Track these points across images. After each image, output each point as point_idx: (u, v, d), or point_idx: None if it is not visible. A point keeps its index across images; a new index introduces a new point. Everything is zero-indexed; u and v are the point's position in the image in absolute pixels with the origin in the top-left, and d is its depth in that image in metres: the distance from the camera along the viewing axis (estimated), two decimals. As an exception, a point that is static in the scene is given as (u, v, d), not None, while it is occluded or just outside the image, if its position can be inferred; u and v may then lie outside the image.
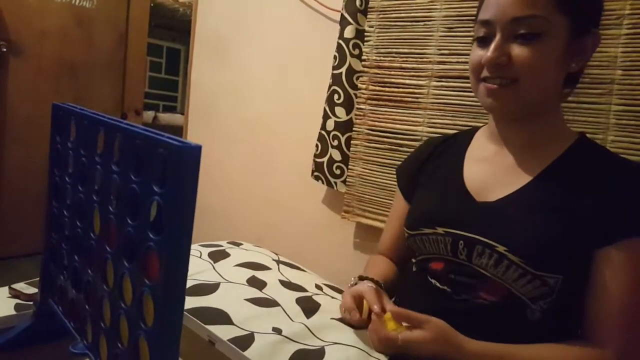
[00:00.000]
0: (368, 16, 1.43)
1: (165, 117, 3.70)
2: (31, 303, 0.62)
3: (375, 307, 0.73)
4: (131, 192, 0.41)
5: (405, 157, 1.09)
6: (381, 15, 1.40)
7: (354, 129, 1.48)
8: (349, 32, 1.45)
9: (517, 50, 0.71)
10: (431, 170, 0.93)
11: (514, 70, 0.72)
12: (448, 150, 0.93)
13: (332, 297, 0.86)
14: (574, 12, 0.71)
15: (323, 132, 1.54)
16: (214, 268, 0.89)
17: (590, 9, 0.75)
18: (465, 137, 0.92)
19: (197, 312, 0.71)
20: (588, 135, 1.03)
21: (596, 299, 0.70)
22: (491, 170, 0.82)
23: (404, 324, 0.70)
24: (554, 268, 0.70)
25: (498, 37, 0.73)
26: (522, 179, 0.77)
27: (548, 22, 0.70)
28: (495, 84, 0.74)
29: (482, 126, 0.93)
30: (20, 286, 0.69)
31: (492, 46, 0.73)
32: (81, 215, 0.49)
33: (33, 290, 0.66)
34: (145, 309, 0.39)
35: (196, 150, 0.36)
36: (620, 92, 1.03)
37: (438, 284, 0.80)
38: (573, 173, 0.75)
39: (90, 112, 0.49)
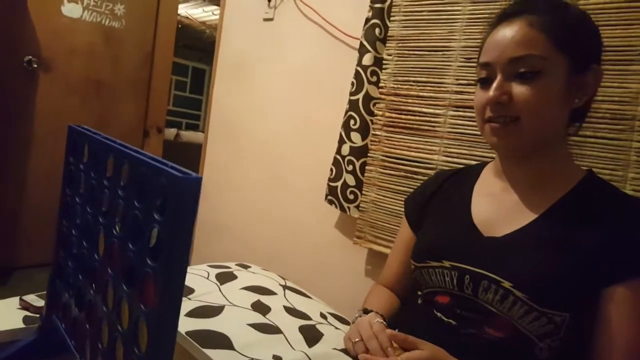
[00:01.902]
0: (387, 44, 1.44)
1: (187, 135, 3.78)
2: (38, 316, 0.63)
3: (390, 350, 0.72)
4: (134, 218, 0.42)
5: (418, 185, 1.09)
6: (400, 44, 1.41)
7: (369, 154, 1.48)
8: (367, 59, 1.47)
9: (517, 89, 0.73)
10: (439, 202, 0.93)
11: (515, 108, 0.73)
12: (457, 184, 0.93)
13: (336, 328, 0.85)
14: (572, 50, 0.72)
15: (338, 157, 1.54)
16: (220, 290, 0.89)
17: (588, 46, 0.76)
18: (474, 171, 0.92)
19: (199, 335, 0.71)
20: (607, 171, 1.03)
21: (603, 337, 0.69)
22: (498, 206, 0.82)
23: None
24: (560, 305, 0.69)
25: (499, 77, 0.75)
26: (529, 216, 0.77)
27: (546, 61, 0.72)
28: (499, 123, 0.75)
29: (490, 161, 0.92)
30: (31, 298, 0.71)
31: (493, 86, 0.75)
32: (88, 235, 0.50)
33: (42, 303, 0.68)
34: (140, 334, 0.40)
35: (196, 182, 0.37)
36: None
37: (444, 318, 0.79)
38: (580, 210, 0.74)
39: (102, 136, 0.50)
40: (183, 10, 4.65)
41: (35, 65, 2.42)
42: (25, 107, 2.46)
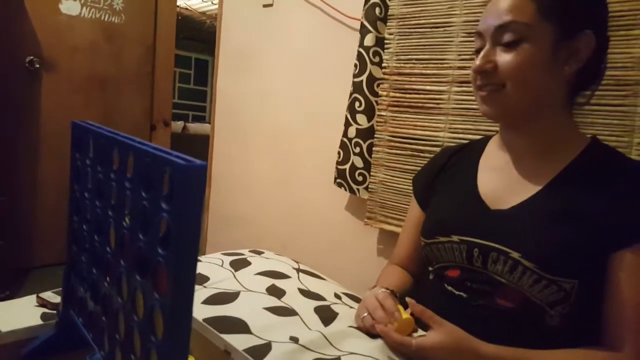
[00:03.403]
0: (388, 24, 1.43)
1: (194, 127, 3.79)
2: (55, 312, 0.65)
3: (397, 314, 0.73)
4: (142, 208, 0.43)
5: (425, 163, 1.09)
6: (401, 23, 1.40)
7: (375, 136, 1.48)
8: (369, 40, 1.46)
9: (502, 57, 0.74)
10: (446, 178, 0.93)
11: (500, 76, 0.74)
12: (462, 159, 0.93)
13: (350, 307, 0.86)
14: (560, 17, 0.72)
15: (345, 140, 1.54)
16: (234, 277, 0.90)
17: (577, 13, 0.74)
18: (478, 146, 0.93)
19: (216, 321, 0.72)
20: (613, 137, 1.02)
21: (612, 302, 0.70)
22: (504, 179, 0.82)
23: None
24: (568, 273, 0.70)
25: (487, 46, 0.76)
26: (535, 187, 0.78)
27: (530, 27, 0.72)
28: (486, 91, 0.77)
29: (495, 134, 0.92)
30: (48, 295, 0.72)
31: (480, 55, 0.77)
32: (99, 229, 0.51)
33: (59, 299, 0.69)
34: (155, 322, 0.40)
35: (200, 169, 0.37)
36: None
37: (455, 291, 0.81)
38: (585, 178, 0.74)
39: (106, 130, 0.51)
40: (182, 1, 4.62)
41: (38, 65, 2.43)
42: (31, 108, 2.48)
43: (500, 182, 0.82)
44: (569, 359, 0.70)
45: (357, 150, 1.51)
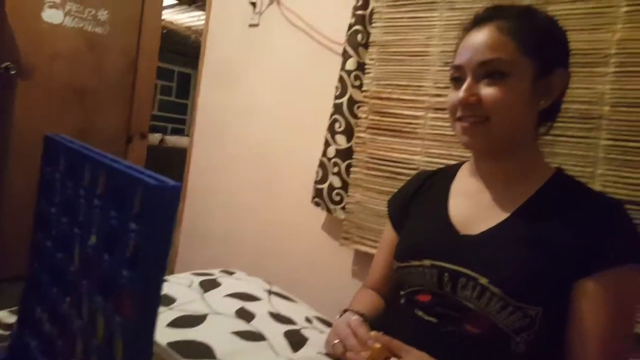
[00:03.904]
0: (369, 50, 1.46)
1: (173, 140, 3.75)
2: (9, 334, 0.62)
3: (370, 343, 0.73)
4: (110, 228, 0.42)
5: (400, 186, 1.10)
6: (381, 50, 1.43)
7: (353, 156, 1.49)
8: (350, 64, 1.49)
9: (486, 91, 0.76)
10: (420, 202, 0.95)
11: (484, 108, 0.76)
12: (436, 184, 0.95)
13: (321, 331, 0.85)
14: (538, 55, 0.75)
15: (324, 159, 1.55)
16: (203, 298, 0.88)
17: (554, 51, 0.79)
18: (451, 172, 0.95)
19: (180, 345, 0.70)
20: (578, 168, 1.06)
21: (575, 330, 0.71)
22: (474, 205, 0.84)
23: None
24: (533, 299, 0.71)
25: (469, 79, 0.78)
26: (503, 213, 0.79)
27: (513, 64, 0.75)
28: (469, 122, 0.78)
29: (467, 160, 0.94)
30: (2, 314, 0.69)
31: (463, 87, 0.78)
32: (63, 246, 0.50)
33: (14, 319, 0.66)
34: (115, 347, 0.39)
35: (173, 190, 0.37)
36: (609, 127, 1.06)
37: (425, 316, 0.81)
38: (550, 207, 0.77)
39: (79, 145, 0.50)
40: (168, 15, 4.62)
41: (14, 72, 2.38)
42: (4, 115, 2.41)
43: (471, 208, 0.84)
44: None
45: (336, 170, 1.52)
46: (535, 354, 0.73)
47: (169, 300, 0.85)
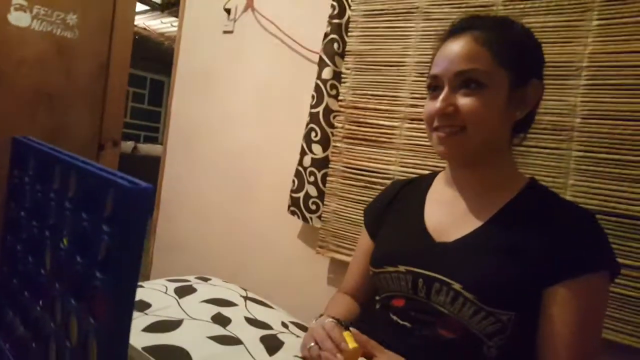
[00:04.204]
0: (345, 59, 1.47)
1: (145, 148, 3.69)
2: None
3: (344, 345, 0.73)
4: (82, 230, 0.41)
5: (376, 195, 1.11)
6: (357, 59, 1.45)
7: (330, 166, 1.50)
8: (326, 73, 1.50)
9: (463, 101, 0.77)
10: (395, 210, 0.96)
11: (461, 118, 0.77)
12: (411, 193, 0.96)
13: (297, 336, 0.85)
14: (513, 66, 0.77)
15: (300, 168, 1.55)
16: (178, 304, 0.87)
17: (528, 63, 0.80)
18: (426, 181, 0.96)
19: (156, 350, 0.69)
20: (550, 179, 1.08)
21: (546, 335, 0.73)
22: (449, 213, 0.85)
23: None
24: (505, 305, 0.73)
25: (446, 89, 0.78)
26: (477, 221, 0.81)
27: (489, 75, 0.76)
28: (445, 132, 0.79)
29: (442, 170, 0.96)
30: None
31: (440, 98, 0.78)
32: (33, 250, 0.49)
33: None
34: (90, 350, 0.39)
35: (146, 192, 0.37)
36: (580, 139, 1.08)
37: (399, 321, 0.82)
38: (523, 216, 0.78)
39: (48, 147, 0.49)
40: (141, 21, 4.56)
41: (-20, 77, 2.31)
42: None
43: (446, 216, 0.86)
44: None
45: (312, 179, 1.52)
46: (506, 358, 0.75)
47: (144, 306, 0.84)
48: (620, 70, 1.04)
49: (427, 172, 1.09)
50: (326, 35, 1.51)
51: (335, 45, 1.49)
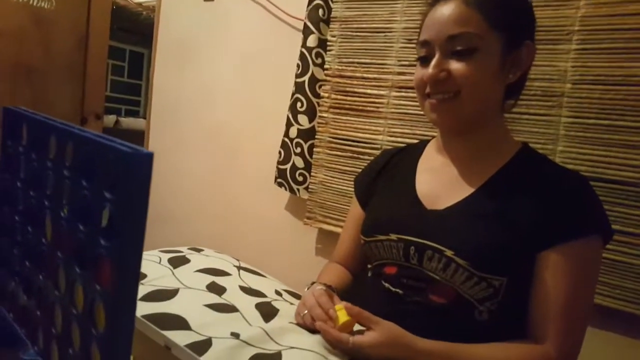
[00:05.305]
0: (330, 26, 1.46)
1: (128, 122, 3.63)
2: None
3: (332, 312, 0.75)
4: (83, 198, 0.41)
5: (366, 164, 1.12)
6: (343, 26, 1.43)
7: (316, 136, 1.50)
8: (311, 41, 1.48)
9: (455, 65, 0.76)
10: (386, 179, 0.96)
11: (454, 84, 0.76)
12: (402, 161, 0.96)
13: (291, 304, 0.87)
14: (506, 28, 0.76)
15: (286, 140, 1.55)
16: (173, 274, 0.88)
17: (521, 24, 0.80)
18: (417, 149, 0.96)
19: (154, 317, 0.70)
20: (539, 145, 1.10)
21: (538, 299, 0.75)
22: (440, 181, 0.86)
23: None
24: (497, 271, 0.74)
25: (437, 55, 0.77)
26: (469, 188, 0.82)
27: (481, 38, 0.75)
28: (438, 99, 0.78)
29: (431, 138, 0.97)
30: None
31: (432, 64, 0.77)
32: (33, 220, 0.49)
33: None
34: (96, 315, 0.39)
35: (147, 157, 0.37)
36: (570, 104, 1.08)
37: (391, 288, 0.83)
38: (515, 182, 0.79)
39: (42, 116, 0.48)
40: (117, -9, 4.40)
41: (-47, 49, 2.22)
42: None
43: (437, 183, 0.86)
44: (494, 350, 0.74)
45: (298, 150, 1.53)
46: (497, 322, 0.76)
47: (140, 276, 0.85)
48: (612, 34, 1.03)
49: (415, 141, 1.09)
50: (310, 1, 1.48)
51: (320, 12, 1.46)
